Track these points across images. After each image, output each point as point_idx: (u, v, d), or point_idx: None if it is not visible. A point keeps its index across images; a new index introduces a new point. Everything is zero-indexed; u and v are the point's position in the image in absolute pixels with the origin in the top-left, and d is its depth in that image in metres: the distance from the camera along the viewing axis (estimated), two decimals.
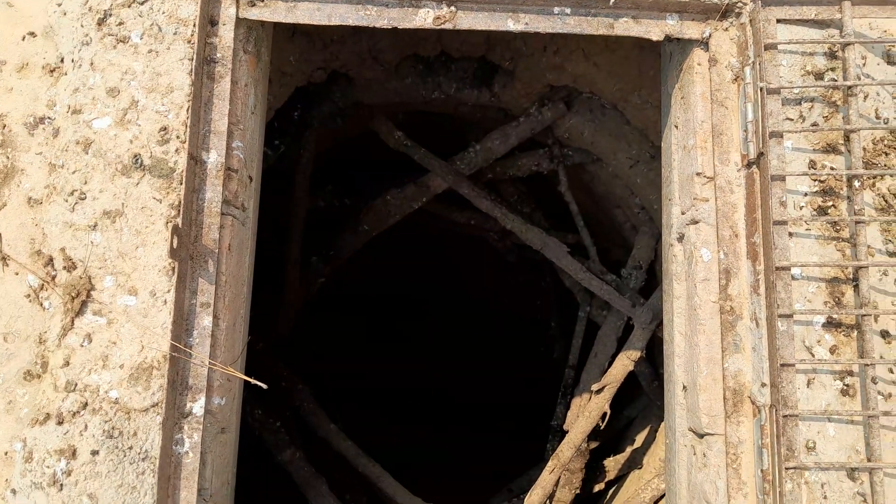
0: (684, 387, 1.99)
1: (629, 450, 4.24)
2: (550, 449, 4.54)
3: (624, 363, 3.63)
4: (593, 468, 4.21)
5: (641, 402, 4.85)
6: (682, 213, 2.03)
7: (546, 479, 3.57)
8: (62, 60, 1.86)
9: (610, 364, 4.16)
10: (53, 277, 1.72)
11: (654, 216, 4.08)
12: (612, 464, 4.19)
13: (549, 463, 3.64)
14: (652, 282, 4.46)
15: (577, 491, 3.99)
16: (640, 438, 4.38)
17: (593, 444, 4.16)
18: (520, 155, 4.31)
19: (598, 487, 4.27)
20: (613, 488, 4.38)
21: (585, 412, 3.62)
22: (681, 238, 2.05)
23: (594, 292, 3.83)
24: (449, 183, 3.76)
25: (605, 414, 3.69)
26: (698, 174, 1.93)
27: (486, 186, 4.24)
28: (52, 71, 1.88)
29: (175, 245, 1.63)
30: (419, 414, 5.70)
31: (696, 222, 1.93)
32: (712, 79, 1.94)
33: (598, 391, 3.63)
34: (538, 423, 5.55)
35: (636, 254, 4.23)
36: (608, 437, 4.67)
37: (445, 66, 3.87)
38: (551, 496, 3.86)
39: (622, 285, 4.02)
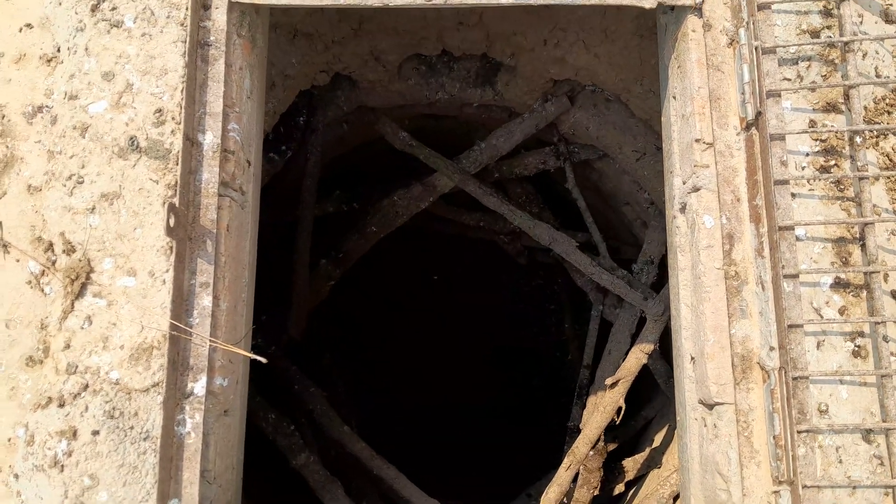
0: (692, 358, 1.95)
1: (648, 450, 4.16)
2: (567, 450, 4.48)
3: (637, 356, 3.58)
4: (612, 470, 4.14)
5: (659, 402, 4.77)
6: (684, 183, 2.00)
7: (562, 475, 3.51)
8: (59, 50, 1.89)
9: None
10: (54, 262, 1.73)
11: (664, 209, 4.04)
12: (631, 464, 4.12)
13: (566, 459, 3.59)
14: (664, 277, 4.42)
15: (596, 491, 3.92)
16: (658, 438, 4.31)
17: (612, 446, 4.09)
18: (526, 153, 4.30)
19: (618, 489, 4.20)
20: (633, 489, 4.30)
21: (600, 407, 3.57)
22: (683, 208, 2.02)
23: (605, 287, 3.79)
24: (455, 181, 3.75)
25: (620, 408, 3.63)
26: (697, 140, 1.91)
27: (494, 186, 4.24)
28: (49, 60, 1.90)
29: (172, 224, 1.63)
30: (434, 416, 5.65)
31: (698, 189, 1.90)
32: (707, 44, 1.93)
33: (612, 385, 3.58)
34: (557, 430, 5.48)
35: (647, 249, 4.19)
36: (627, 438, 4.60)
37: (448, 66, 3.89)
38: (569, 497, 3.80)
39: (634, 281, 3.98)
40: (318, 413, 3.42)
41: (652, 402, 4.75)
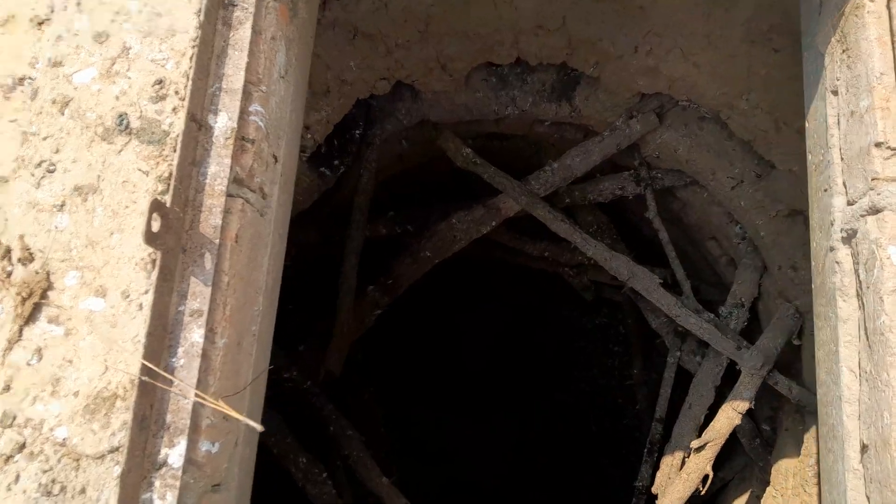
0: (863, 446, 1.35)
1: None
2: None
3: (729, 416, 2.94)
4: None
5: (738, 463, 4.09)
6: (851, 204, 1.42)
7: None
8: (52, 10, 1.45)
9: (708, 418, 3.48)
10: (9, 274, 1.26)
11: (761, 245, 3.41)
12: None
13: None
14: (754, 323, 3.76)
15: None
16: None
17: None
18: (601, 178, 3.75)
19: None
20: None
21: (683, 474, 2.93)
22: (849, 237, 1.43)
23: (692, 332, 3.17)
24: (521, 204, 3.22)
25: (706, 476, 2.99)
26: (878, 145, 1.33)
27: (563, 213, 3.69)
28: (40, 23, 1.46)
29: (156, 228, 1.15)
30: (487, 463, 5.04)
31: (878, 211, 1.32)
32: (894, 15, 1.36)
33: (699, 449, 2.95)
34: (619, 484, 4.81)
35: (737, 290, 3.56)
36: (698, 501, 3.93)
37: (521, 77, 3.38)
38: None
39: (721, 326, 3.35)
40: (353, 460, 2.89)
41: (730, 462, 4.07)
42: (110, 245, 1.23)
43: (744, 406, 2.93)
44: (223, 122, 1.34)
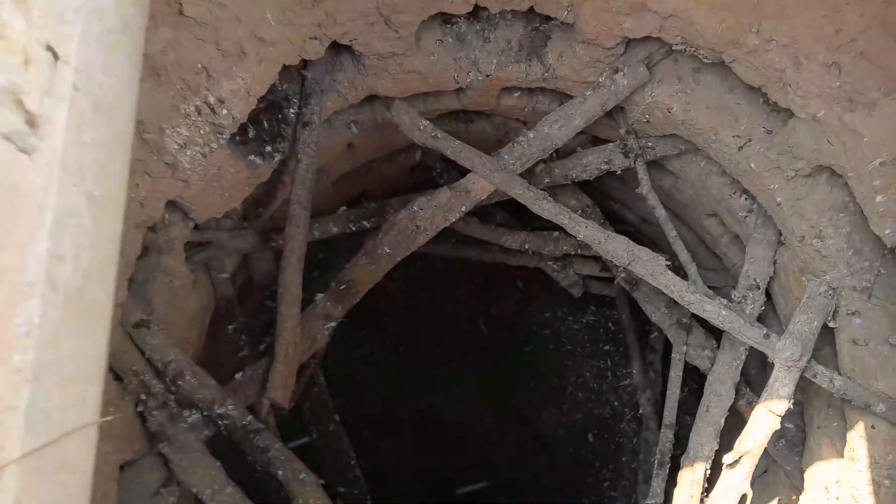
0: None
1: None
2: None
3: (767, 420, 2.37)
4: None
5: (759, 464, 3.54)
6: None
7: None
8: None
9: (728, 420, 2.91)
10: None
11: (776, 214, 2.86)
12: None
13: None
14: (769, 307, 3.21)
15: None
16: None
17: None
18: (583, 152, 3.18)
19: None
20: None
21: (718, 496, 2.35)
22: None
23: (710, 320, 2.60)
24: (495, 183, 2.63)
25: (743, 496, 2.41)
26: None
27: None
28: None
29: None
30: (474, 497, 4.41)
31: None
32: None
33: (733, 464, 2.36)
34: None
35: (749, 269, 3.00)
36: None
37: (482, 35, 2.80)
38: None
39: (737, 311, 2.79)
40: None
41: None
42: None
43: (782, 406, 2.36)
44: None
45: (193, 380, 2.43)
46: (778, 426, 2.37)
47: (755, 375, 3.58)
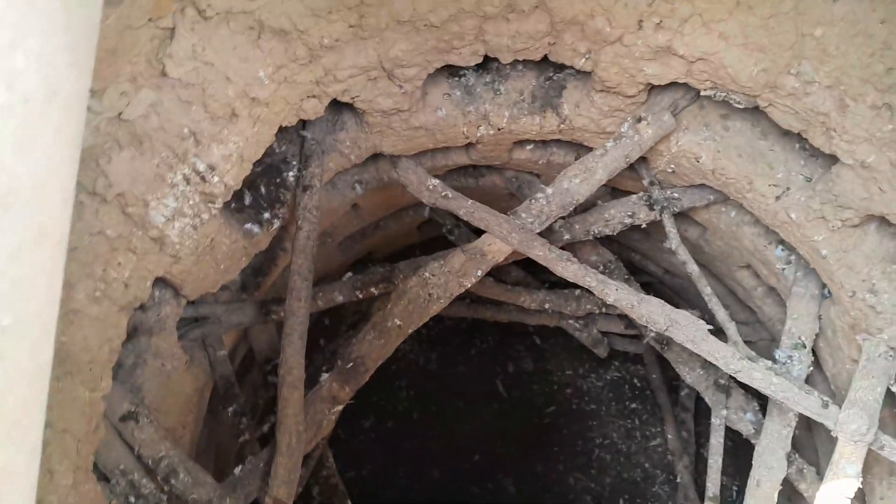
0: None
1: None
2: None
3: (834, 499, 2.05)
4: None
5: None
6: None
7: None
8: None
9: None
10: None
11: (819, 267, 2.59)
12: None
13: None
14: (816, 367, 2.91)
15: None
16: None
17: None
18: (605, 205, 2.93)
19: None
20: None
21: None
22: None
23: (760, 390, 2.30)
24: (513, 244, 2.38)
25: None
26: None
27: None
28: None
29: None
30: None
31: None
32: None
33: None
34: None
35: (792, 327, 2.71)
36: None
37: (491, 87, 2.60)
38: None
39: (790, 377, 2.49)
40: None
41: None
42: None
43: (853, 487, 2.05)
44: None
45: (187, 477, 2.14)
46: None
47: (800, 436, 3.26)
